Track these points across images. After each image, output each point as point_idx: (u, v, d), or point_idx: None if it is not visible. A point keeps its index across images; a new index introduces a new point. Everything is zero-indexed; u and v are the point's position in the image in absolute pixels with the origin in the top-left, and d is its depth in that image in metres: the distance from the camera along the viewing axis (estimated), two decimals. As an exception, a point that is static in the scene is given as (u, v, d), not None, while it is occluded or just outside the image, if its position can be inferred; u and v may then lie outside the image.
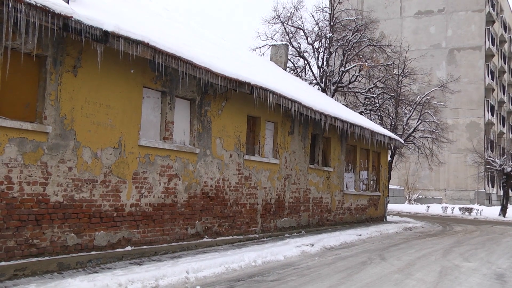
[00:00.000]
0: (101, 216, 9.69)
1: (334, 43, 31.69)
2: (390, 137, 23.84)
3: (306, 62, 33.06)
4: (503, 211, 35.94)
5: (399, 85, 32.44)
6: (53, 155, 8.77)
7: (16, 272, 8.04)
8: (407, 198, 50.95)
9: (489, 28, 53.15)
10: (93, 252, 9.45)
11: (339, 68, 31.47)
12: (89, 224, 9.43)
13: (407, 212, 37.76)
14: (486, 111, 52.09)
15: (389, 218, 27.22)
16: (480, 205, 45.61)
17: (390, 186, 42.53)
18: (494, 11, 55.58)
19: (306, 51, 33.25)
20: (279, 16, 32.69)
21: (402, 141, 27.33)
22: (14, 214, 8.11)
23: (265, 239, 14.75)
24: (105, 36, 8.76)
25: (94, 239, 9.54)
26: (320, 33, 32.20)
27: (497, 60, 58.05)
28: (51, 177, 8.73)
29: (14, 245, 8.11)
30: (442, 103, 36.77)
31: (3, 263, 7.91)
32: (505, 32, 61.86)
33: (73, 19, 8.11)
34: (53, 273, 8.46)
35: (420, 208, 41.45)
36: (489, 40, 53.04)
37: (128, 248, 10.23)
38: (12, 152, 8.09)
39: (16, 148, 8.14)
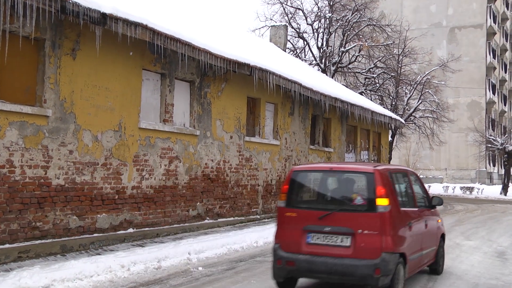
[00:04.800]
0: (102, 198, 9.74)
1: (333, 23, 31.44)
2: (390, 117, 23.82)
3: (305, 42, 32.86)
4: (505, 190, 36.05)
5: (400, 65, 32.30)
6: (54, 139, 8.78)
7: (20, 254, 8.12)
8: (408, 178, 50.92)
9: (490, 6, 52.70)
10: (95, 235, 9.52)
11: (339, 49, 31.27)
12: (91, 206, 9.48)
13: (408, 192, 37.77)
14: (487, 90, 51.93)
15: (390, 198, 27.24)
16: (481, 184, 45.73)
17: (391, 166, 42.53)
18: (495, -12, 55.05)
19: (306, 32, 33.04)
20: (278, -4, 32.35)
21: (403, 121, 27.31)
22: (16, 197, 8.16)
23: (266, 220, 14.84)
24: (103, 19, 8.70)
25: (96, 222, 9.60)
26: (319, 13, 31.94)
27: (498, 38, 57.66)
28: (52, 161, 8.76)
29: (17, 228, 8.17)
30: (442, 83, 36.61)
31: (7, 246, 7.98)
32: (507, 9, 61.33)
33: (70, 1, 8.05)
34: (56, 255, 8.55)
35: (421, 188, 41.45)
36: (490, 17, 52.64)
37: (130, 230, 10.30)
38: (13, 136, 8.10)
39: (17, 132, 8.16)
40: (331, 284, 7.67)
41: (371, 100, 30.04)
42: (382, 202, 6.57)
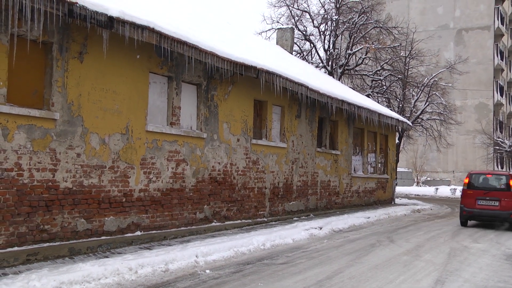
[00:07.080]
0: (110, 201, 9.77)
1: (340, 26, 31.41)
2: (397, 120, 23.74)
3: (312, 45, 32.84)
4: (512, 192, 35.77)
5: (407, 67, 32.20)
6: (62, 142, 8.82)
7: (29, 257, 8.15)
8: (415, 180, 50.86)
9: (498, 7, 52.43)
10: (103, 237, 9.55)
11: (346, 51, 31.23)
12: (98, 209, 9.51)
13: (415, 195, 37.76)
14: (495, 92, 51.64)
15: (397, 200, 27.23)
16: (489, 186, 45.27)
17: (398, 169, 42.47)
18: (503, -11, 54.75)
19: (312, 34, 33.01)
20: (284, -1, 32.36)
21: (410, 123, 27.21)
22: (25, 200, 8.20)
23: (273, 222, 14.82)
24: (110, 22, 8.73)
25: (104, 224, 9.63)
26: (326, 16, 31.91)
27: (506, 39, 57.36)
28: (60, 164, 8.80)
29: (25, 231, 8.21)
30: (450, 85, 36.45)
31: (16, 248, 8.02)
32: (515, 11, 60.97)
33: (78, 5, 8.09)
34: (64, 258, 8.57)
35: (428, 191, 41.40)
36: (498, 19, 52.37)
37: (138, 233, 10.32)
38: (21, 139, 8.14)
39: (25, 135, 8.20)
40: (483, 225, 16.97)
41: (378, 102, 29.99)
42: None
